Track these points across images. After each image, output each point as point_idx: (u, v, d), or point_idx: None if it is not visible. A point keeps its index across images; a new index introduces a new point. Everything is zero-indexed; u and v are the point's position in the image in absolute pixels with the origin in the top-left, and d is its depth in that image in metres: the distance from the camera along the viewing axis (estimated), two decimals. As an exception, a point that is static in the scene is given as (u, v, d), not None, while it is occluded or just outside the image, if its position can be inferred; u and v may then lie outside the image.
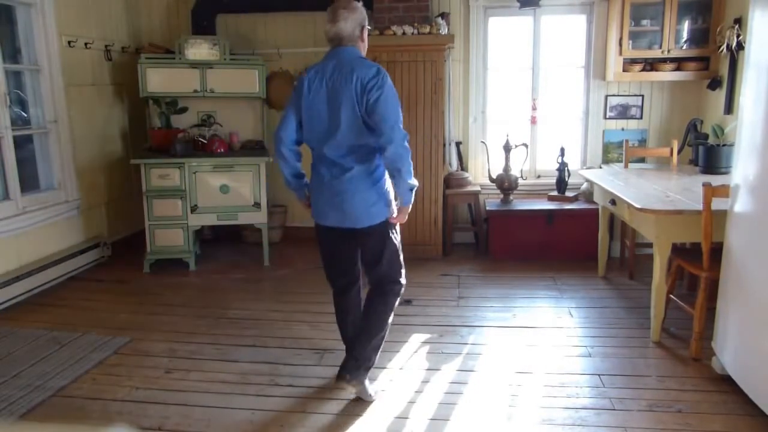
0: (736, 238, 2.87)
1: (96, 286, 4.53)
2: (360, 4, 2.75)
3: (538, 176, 5.48)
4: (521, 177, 5.24)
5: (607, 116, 5.28)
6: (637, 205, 3.35)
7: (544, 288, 4.40)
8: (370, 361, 2.91)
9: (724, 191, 3.00)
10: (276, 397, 2.94)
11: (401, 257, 2.95)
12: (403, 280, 2.96)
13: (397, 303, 2.97)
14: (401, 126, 2.65)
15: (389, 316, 2.94)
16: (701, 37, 4.82)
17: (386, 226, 2.82)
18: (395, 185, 2.75)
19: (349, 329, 3.05)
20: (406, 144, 2.66)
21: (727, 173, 3.75)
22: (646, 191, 3.71)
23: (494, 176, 5.21)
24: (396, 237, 2.89)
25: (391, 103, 2.63)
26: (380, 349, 2.95)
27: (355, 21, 2.70)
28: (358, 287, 3.07)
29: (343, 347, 3.19)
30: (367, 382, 2.89)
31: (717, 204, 3.02)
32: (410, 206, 2.80)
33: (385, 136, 2.61)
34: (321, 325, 3.74)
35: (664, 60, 4.91)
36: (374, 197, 2.75)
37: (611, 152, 5.32)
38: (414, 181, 2.75)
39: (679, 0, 4.70)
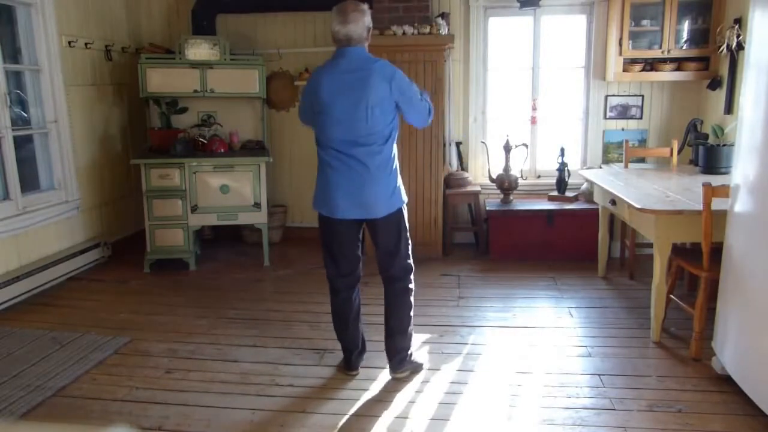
0: (736, 238, 2.87)
1: (96, 286, 4.53)
2: (366, 7, 2.90)
3: (538, 176, 5.48)
4: (521, 177, 5.24)
5: (607, 116, 5.28)
6: (638, 205, 3.35)
7: (545, 288, 4.40)
8: (410, 346, 3.13)
9: (724, 191, 3.00)
10: (276, 397, 2.94)
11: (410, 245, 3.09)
12: (413, 266, 3.10)
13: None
14: (422, 100, 2.92)
15: (413, 304, 3.12)
16: (701, 37, 4.82)
17: (401, 213, 2.99)
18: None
19: (350, 330, 3.10)
20: (431, 115, 3.02)
21: (727, 173, 3.74)
22: (646, 191, 3.71)
23: (494, 176, 5.20)
24: (407, 224, 3.04)
25: (411, 87, 2.88)
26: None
27: (364, 23, 2.84)
28: (358, 288, 3.11)
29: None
30: (412, 357, 3.15)
31: (717, 204, 3.02)
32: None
33: (418, 121, 2.97)
34: (321, 325, 3.74)
35: (664, 60, 4.91)
36: (393, 186, 2.93)
37: (611, 152, 5.32)
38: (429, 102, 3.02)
39: (679, 0, 4.70)
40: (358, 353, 3.17)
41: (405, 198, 3.00)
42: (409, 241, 3.07)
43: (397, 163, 2.97)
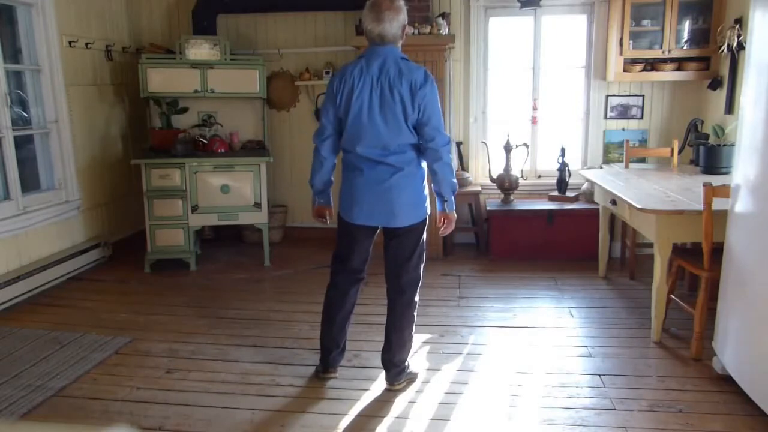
0: (737, 238, 2.87)
1: (96, 286, 4.53)
2: (402, 3, 2.72)
3: (539, 176, 5.48)
4: (522, 177, 5.24)
5: (608, 116, 5.28)
6: (638, 205, 3.35)
7: (545, 288, 4.40)
8: (407, 358, 3.03)
9: (724, 191, 3.00)
10: (276, 397, 2.94)
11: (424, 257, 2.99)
12: (421, 278, 2.99)
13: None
14: (443, 129, 2.73)
15: (415, 318, 3.02)
16: (702, 37, 4.82)
17: (423, 224, 2.88)
18: (439, 187, 2.80)
19: (335, 327, 3.03)
20: (449, 147, 2.76)
21: (728, 173, 3.74)
22: (647, 191, 3.71)
23: (495, 176, 5.21)
24: (425, 236, 2.94)
25: (437, 107, 2.72)
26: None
27: (399, 22, 2.69)
28: (359, 288, 3.07)
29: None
30: (409, 368, 3.04)
31: (717, 204, 3.02)
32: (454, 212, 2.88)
33: (429, 137, 2.69)
34: (321, 325, 3.74)
35: (664, 60, 4.91)
36: (420, 195, 2.83)
37: (612, 152, 5.31)
38: (456, 183, 2.84)
39: (680, 0, 4.70)
40: (338, 353, 3.08)
41: (429, 209, 2.89)
42: (424, 253, 2.96)
43: (426, 172, 2.85)
